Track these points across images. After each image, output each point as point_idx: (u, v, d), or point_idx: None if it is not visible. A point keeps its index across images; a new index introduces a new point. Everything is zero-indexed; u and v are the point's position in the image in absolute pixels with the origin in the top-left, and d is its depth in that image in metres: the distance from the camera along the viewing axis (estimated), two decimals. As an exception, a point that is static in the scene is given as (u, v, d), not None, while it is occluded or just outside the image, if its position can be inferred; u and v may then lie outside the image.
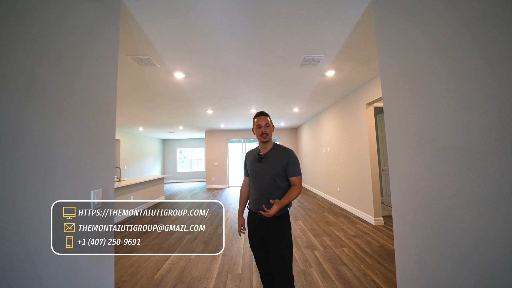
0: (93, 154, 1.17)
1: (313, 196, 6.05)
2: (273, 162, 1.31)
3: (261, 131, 1.35)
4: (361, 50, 2.47)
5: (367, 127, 3.58)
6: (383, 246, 2.67)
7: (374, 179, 3.50)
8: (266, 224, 1.27)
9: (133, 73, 2.88)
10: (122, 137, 7.79)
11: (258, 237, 1.32)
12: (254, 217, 1.33)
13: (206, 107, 4.81)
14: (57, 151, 0.96)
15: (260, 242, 1.32)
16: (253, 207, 1.33)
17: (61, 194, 0.98)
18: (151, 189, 5.58)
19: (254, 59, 2.58)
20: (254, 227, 1.33)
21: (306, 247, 2.71)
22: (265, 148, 1.39)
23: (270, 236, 1.26)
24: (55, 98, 0.94)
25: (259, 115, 1.39)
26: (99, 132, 1.22)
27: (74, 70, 1.05)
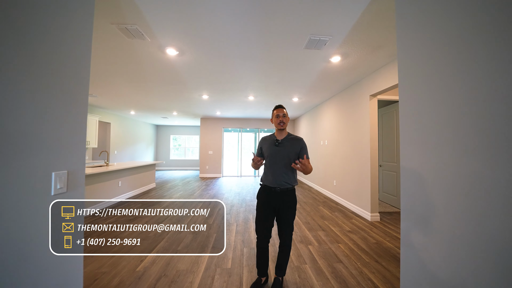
0: (55, 127, 0.95)
1: (308, 189, 5.96)
2: (290, 147, 1.66)
3: (279, 120, 1.67)
4: (372, 34, 2.25)
5: (370, 120, 3.42)
6: (380, 243, 2.58)
7: (373, 174, 3.39)
8: (280, 197, 1.64)
9: (121, 47, 2.59)
10: (112, 120, 7.44)
11: (271, 206, 1.66)
12: (270, 191, 1.65)
13: (201, 91, 4.54)
14: None
15: (271, 209, 1.66)
16: (269, 183, 1.66)
17: (8, 172, 0.77)
18: (141, 175, 5.37)
19: (255, 37, 2.33)
20: (268, 198, 1.66)
21: (300, 242, 2.59)
22: (281, 135, 1.71)
23: (284, 205, 1.64)
24: None
25: (277, 108, 1.71)
26: (65, 100, 0.99)
27: (29, 21, 0.82)
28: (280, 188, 1.62)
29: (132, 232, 3.04)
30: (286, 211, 1.64)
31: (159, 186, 6.28)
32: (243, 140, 8.90)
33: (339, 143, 4.52)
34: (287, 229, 1.66)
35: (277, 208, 1.65)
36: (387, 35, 2.27)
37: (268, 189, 1.66)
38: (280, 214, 1.66)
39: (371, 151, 3.39)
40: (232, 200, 4.64)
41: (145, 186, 5.60)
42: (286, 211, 1.64)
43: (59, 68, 0.95)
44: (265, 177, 1.70)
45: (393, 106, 4.09)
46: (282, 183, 1.62)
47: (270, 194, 1.65)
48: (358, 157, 3.73)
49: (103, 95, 4.89)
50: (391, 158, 4.14)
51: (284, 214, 1.65)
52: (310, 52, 2.67)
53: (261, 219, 1.67)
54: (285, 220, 1.65)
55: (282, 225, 1.67)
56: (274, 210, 1.66)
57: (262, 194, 1.70)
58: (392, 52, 2.64)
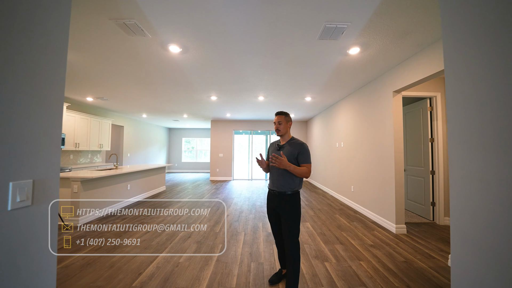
0: (16, 128, 0.77)
1: (322, 195, 5.59)
2: (288, 151, 1.69)
3: (275, 127, 1.78)
4: (398, 18, 1.93)
5: (394, 119, 3.04)
6: (410, 262, 2.21)
7: (398, 180, 3.00)
8: (279, 200, 1.68)
9: (122, 45, 2.48)
10: (125, 123, 7.57)
11: (273, 209, 1.74)
12: (271, 194, 1.75)
13: (209, 92, 4.39)
14: None
15: (273, 212, 1.75)
16: (270, 186, 1.75)
17: None
18: (150, 178, 5.32)
19: (263, 28, 2.10)
20: (270, 201, 1.77)
21: (315, 257, 2.29)
22: (283, 140, 1.80)
23: (281, 209, 1.67)
24: None
25: (276, 114, 1.79)
26: (31, 95, 0.81)
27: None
28: (278, 191, 1.67)
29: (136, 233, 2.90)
30: (284, 216, 1.66)
31: (169, 189, 6.22)
32: (254, 143, 8.69)
33: (357, 145, 4.14)
34: (287, 236, 1.63)
35: (277, 212, 1.72)
36: (417, 19, 1.94)
37: (270, 192, 1.78)
38: (281, 219, 1.69)
39: (395, 154, 3.01)
40: (242, 206, 4.41)
41: (155, 189, 5.55)
42: (285, 216, 1.65)
43: (22, 58, 0.78)
44: (269, 180, 1.82)
45: (419, 103, 3.66)
46: (279, 186, 1.67)
47: (271, 196, 1.76)
48: (380, 160, 3.35)
49: (113, 98, 4.91)
50: (418, 162, 3.69)
51: (283, 218, 1.66)
52: (325, 44, 2.39)
53: (269, 221, 1.82)
54: (284, 225, 1.66)
55: (283, 231, 1.68)
56: (275, 212, 1.74)
57: (267, 196, 1.83)
58: (422, 39, 2.29)
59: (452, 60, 0.91)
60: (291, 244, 1.60)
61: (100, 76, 3.47)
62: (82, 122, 5.34)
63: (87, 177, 3.20)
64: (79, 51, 2.62)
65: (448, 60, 0.92)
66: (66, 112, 4.86)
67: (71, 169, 4.81)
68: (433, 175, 3.45)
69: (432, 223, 3.37)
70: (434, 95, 3.40)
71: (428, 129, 3.48)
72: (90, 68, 3.14)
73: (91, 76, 3.48)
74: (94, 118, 5.71)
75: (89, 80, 3.70)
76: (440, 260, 2.24)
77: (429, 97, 3.46)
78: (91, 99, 5.03)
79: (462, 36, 0.84)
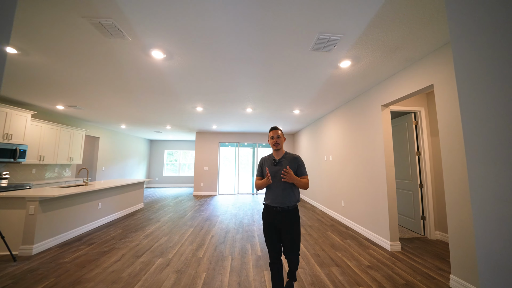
0: None
1: (311, 209, 5.42)
2: (288, 166, 1.66)
3: (274, 142, 1.76)
4: (391, 32, 1.94)
5: (383, 133, 3.04)
6: (411, 284, 2.05)
7: (391, 194, 2.93)
8: (281, 215, 1.65)
9: (99, 49, 2.23)
10: (101, 134, 7.00)
11: (274, 226, 1.67)
12: (272, 210, 1.67)
13: (194, 103, 4.18)
14: None
15: (274, 229, 1.67)
16: (271, 203, 1.68)
17: None
18: (126, 195, 4.82)
19: (255, 35, 1.99)
20: (270, 218, 1.68)
21: (311, 284, 2.06)
22: (278, 155, 1.78)
23: (284, 224, 1.64)
24: None
25: (272, 129, 1.78)
26: None
27: None
28: (281, 207, 1.65)
29: (105, 262, 2.46)
30: (288, 231, 1.63)
31: (148, 206, 5.68)
32: (241, 155, 8.45)
33: (346, 159, 4.10)
34: (293, 250, 1.63)
35: (279, 228, 1.66)
36: (408, 34, 1.96)
37: (270, 209, 1.69)
38: (283, 234, 1.65)
39: (386, 168, 2.97)
40: (228, 224, 4.08)
41: (131, 207, 5.02)
42: (289, 231, 1.63)
43: None
44: (266, 197, 1.75)
45: (404, 118, 3.75)
46: (282, 202, 1.65)
47: (271, 213, 1.68)
48: (371, 174, 3.30)
49: (88, 107, 4.49)
50: (405, 176, 3.71)
51: (287, 234, 1.64)
52: (317, 56, 2.35)
53: (268, 240, 1.68)
54: (288, 241, 1.63)
55: (285, 247, 1.66)
56: (277, 228, 1.68)
57: (265, 214, 1.72)
58: (410, 55, 2.33)
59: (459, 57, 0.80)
60: (296, 258, 1.68)
61: (72, 82, 3.13)
62: (49, 132, 4.79)
63: (47, 196, 2.74)
64: (45, 51, 2.32)
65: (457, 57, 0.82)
66: (31, 121, 4.34)
67: (31, 186, 4.21)
68: (421, 189, 3.46)
69: (423, 237, 3.32)
70: (419, 109, 3.50)
71: (414, 142, 3.54)
72: (60, 72, 2.81)
73: (61, 81, 3.12)
74: (64, 128, 5.18)
75: (59, 86, 3.33)
76: (441, 280, 2.12)
77: (414, 111, 3.56)
78: (62, 108, 4.56)
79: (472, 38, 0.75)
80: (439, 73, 2.19)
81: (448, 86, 2.09)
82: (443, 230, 3.22)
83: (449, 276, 2.09)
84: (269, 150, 8.88)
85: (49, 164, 5.13)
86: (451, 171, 2.05)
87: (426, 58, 2.33)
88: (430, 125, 3.49)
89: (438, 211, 3.31)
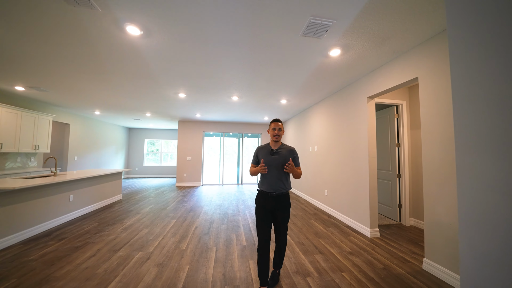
0: None
1: (296, 199, 5.53)
2: (284, 156, 1.86)
3: (275, 133, 1.89)
4: (383, 21, 1.89)
5: (368, 124, 3.09)
6: (388, 268, 2.17)
7: (372, 184, 3.04)
8: (275, 200, 1.81)
9: (61, 18, 1.93)
10: (72, 120, 6.40)
11: (268, 210, 1.81)
12: (266, 195, 1.82)
13: (176, 88, 3.92)
14: None
15: (268, 213, 1.82)
16: (266, 189, 1.83)
17: None
18: (102, 186, 4.51)
19: (244, 14, 1.84)
20: (265, 203, 1.82)
21: (296, 272, 2.08)
22: (275, 146, 1.93)
23: (279, 208, 1.82)
24: None
25: (275, 121, 1.92)
26: None
27: None
28: (276, 192, 1.81)
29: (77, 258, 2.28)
30: (281, 213, 1.83)
31: (127, 198, 5.40)
32: (226, 145, 8.30)
33: (331, 150, 4.17)
34: (282, 228, 1.88)
35: (273, 211, 1.82)
36: (398, 24, 1.94)
37: (265, 194, 1.84)
38: (276, 215, 1.84)
39: (369, 159, 3.05)
40: (212, 215, 4.02)
41: (108, 199, 4.72)
42: (282, 213, 1.83)
43: None
44: (261, 184, 1.88)
45: (386, 110, 3.86)
46: (277, 188, 1.81)
47: (266, 198, 1.82)
48: (354, 164, 3.38)
49: (54, 89, 4.02)
50: (385, 166, 3.87)
51: (280, 215, 1.83)
52: (308, 42, 2.26)
53: (260, 222, 1.80)
54: (280, 221, 1.85)
55: (277, 225, 1.87)
56: (271, 212, 1.83)
57: (260, 199, 1.86)
58: (398, 47, 2.33)
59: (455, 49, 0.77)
60: (285, 237, 1.90)
61: (31, 58, 2.74)
62: (8, 117, 4.25)
63: (6, 188, 2.43)
64: (-6, 20, 1.95)
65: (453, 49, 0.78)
66: (-16, 104, 3.79)
67: (-11, 176, 3.74)
68: (399, 178, 3.63)
69: (399, 224, 3.53)
70: (401, 102, 3.60)
71: (395, 134, 3.67)
72: (13, 45, 2.42)
73: (17, 57, 2.71)
74: (27, 113, 4.62)
75: (14, 63, 2.90)
76: (415, 263, 2.26)
77: (396, 104, 3.66)
78: (22, 89, 4.03)
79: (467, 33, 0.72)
80: (424, 67, 2.22)
81: (432, 79, 2.13)
82: (417, 217, 3.45)
83: (423, 260, 2.23)
84: (255, 141, 8.81)
85: (10, 153, 4.60)
86: (430, 163, 2.14)
87: (412, 51, 2.35)
88: (411, 118, 3.62)
89: (413, 199, 3.52)
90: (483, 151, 0.69)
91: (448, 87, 1.99)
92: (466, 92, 0.75)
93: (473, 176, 0.72)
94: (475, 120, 0.71)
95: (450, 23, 0.79)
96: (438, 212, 2.06)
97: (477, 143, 0.71)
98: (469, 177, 0.72)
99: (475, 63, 0.72)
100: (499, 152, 0.64)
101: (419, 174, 3.43)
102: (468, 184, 0.73)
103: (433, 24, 1.94)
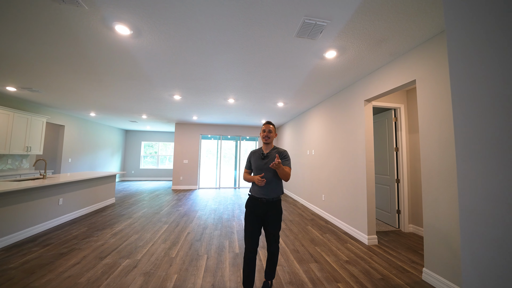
0: None
1: (293, 203, 5.43)
2: (274, 159, 1.76)
3: (265, 135, 1.84)
4: (378, 22, 1.84)
5: (365, 128, 3.02)
6: (386, 278, 2.07)
7: (370, 189, 2.95)
8: (266, 207, 1.73)
9: (46, 16, 1.86)
10: (66, 122, 6.31)
11: (257, 216, 1.75)
12: (256, 201, 1.75)
13: (171, 90, 3.85)
14: None
15: (257, 219, 1.75)
16: (256, 194, 1.75)
17: None
18: (95, 189, 4.40)
19: (236, 13, 1.78)
20: (254, 208, 1.75)
21: (289, 283, 1.98)
22: (267, 149, 1.86)
23: (270, 214, 1.74)
24: None
25: (265, 123, 1.86)
26: None
27: None
28: (266, 198, 1.72)
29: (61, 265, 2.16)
30: (271, 221, 1.74)
31: (120, 201, 5.28)
32: (224, 148, 8.21)
33: (328, 154, 4.09)
34: (272, 238, 1.76)
35: (263, 217, 1.75)
36: (394, 25, 1.88)
37: (254, 200, 1.76)
38: (266, 223, 1.75)
39: (367, 163, 2.97)
40: (206, 220, 3.91)
41: (100, 203, 4.61)
42: (271, 221, 1.74)
43: None
44: (252, 188, 1.81)
45: (384, 114, 3.80)
46: (267, 194, 1.73)
47: (256, 204, 1.74)
48: (351, 169, 3.30)
49: (47, 89, 3.95)
50: (383, 171, 3.79)
51: (269, 224, 1.74)
52: (302, 43, 2.20)
53: (249, 228, 1.73)
54: (270, 230, 1.75)
55: (268, 233, 1.77)
56: (261, 219, 1.75)
57: (249, 203, 1.79)
58: (395, 49, 2.27)
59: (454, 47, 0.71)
60: (276, 244, 1.79)
61: (21, 57, 2.67)
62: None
63: (-12, 192, 2.34)
64: (-22, 17, 1.89)
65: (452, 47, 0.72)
66: (-26, 104, 3.71)
67: (-24, 179, 3.63)
68: (398, 183, 3.55)
69: (398, 230, 3.43)
70: (399, 106, 3.54)
71: (393, 138, 3.60)
72: (2, 44, 2.36)
73: (7, 56, 2.64)
74: (19, 114, 4.53)
75: (4, 62, 2.83)
76: (414, 273, 2.16)
77: (394, 108, 3.60)
78: (14, 89, 3.96)
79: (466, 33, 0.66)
80: (421, 69, 2.17)
81: (430, 82, 2.07)
82: (416, 223, 3.35)
83: (422, 269, 2.13)
84: (252, 144, 8.74)
85: (0, 155, 4.49)
86: (429, 168, 2.06)
87: (410, 53, 2.29)
88: (409, 122, 3.56)
89: (412, 205, 3.43)
90: (485, 156, 0.62)
91: (447, 89, 1.92)
92: (466, 94, 0.68)
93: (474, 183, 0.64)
94: (476, 123, 0.65)
95: (449, 23, 0.73)
96: (438, 219, 1.97)
97: (478, 146, 0.64)
98: (470, 183, 0.65)
99: (475, 64, 0.66)
100: (503, 156, 0.57)
101: (418, 179, 3.35)
102: (470, 190, 0.66)
103: (430, 26, 1.89)
